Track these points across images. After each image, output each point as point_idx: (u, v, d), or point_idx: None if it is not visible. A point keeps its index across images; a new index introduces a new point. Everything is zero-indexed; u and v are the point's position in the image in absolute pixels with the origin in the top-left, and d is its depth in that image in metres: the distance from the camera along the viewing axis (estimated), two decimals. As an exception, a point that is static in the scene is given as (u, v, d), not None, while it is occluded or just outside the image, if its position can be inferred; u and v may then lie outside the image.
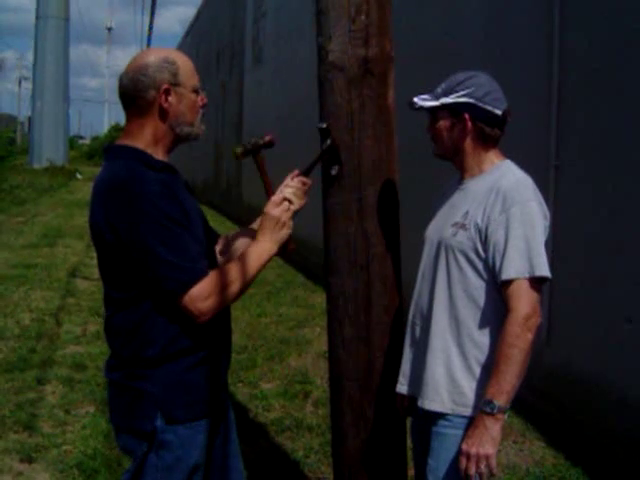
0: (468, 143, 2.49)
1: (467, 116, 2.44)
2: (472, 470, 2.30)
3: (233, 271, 2.34)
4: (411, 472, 2.92)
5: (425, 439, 2.54)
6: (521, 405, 4.43)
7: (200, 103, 2.47)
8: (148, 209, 2.21)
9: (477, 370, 2.41)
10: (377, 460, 2.88)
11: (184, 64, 2.41)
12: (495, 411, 2.27)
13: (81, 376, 5.95)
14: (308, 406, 5.45)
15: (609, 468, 4.36)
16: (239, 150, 2.51)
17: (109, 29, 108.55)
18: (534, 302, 2.30)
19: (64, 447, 4.61)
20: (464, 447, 2.32)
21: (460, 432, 2.40)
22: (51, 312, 8.19)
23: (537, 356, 5.05)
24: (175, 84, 2.36)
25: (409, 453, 2.94)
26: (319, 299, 8.55)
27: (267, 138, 2.52)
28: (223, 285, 2.30)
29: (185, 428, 2.37)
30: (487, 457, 2.28)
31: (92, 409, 5.25)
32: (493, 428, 2.28)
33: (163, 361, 2.33)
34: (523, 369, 2.30)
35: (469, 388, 2.41)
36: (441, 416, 2.45)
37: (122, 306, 2.37)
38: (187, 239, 2.27)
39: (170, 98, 2.36)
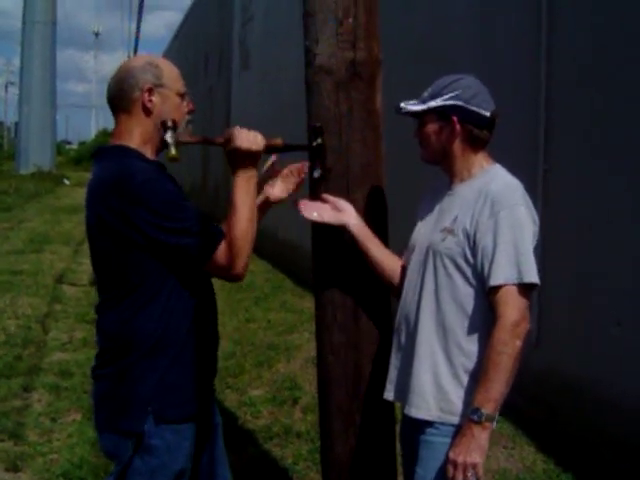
0: (457, 146, 2.46)
1: (455, 118, 2.42)
2: (459, 479, 2.28)
3: (237, 220, 2.37)
4: (400, 479, 2.89)
5: (413, 446, 2.51)
6: (511, 410, 4.41)
7: (186, 109, 2.55)
8: (154, 193, 2.31)
9: (464, 378, 2.38)
10: (366, 467, 2.86)
11: (168, 69, 2.54)
12: (483, 419, 2.25)
13: (67, 383, 5.89)
14: (297, 412, 5.41)
15: (600, 473, 4.35)
16: (173, 153, 2.35)
17: (96, 34, 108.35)
18: (523, 309, 2.28)
19: (50, 456, 4.57)
20: (451, 455, 2.30)
21: (448, 440, 2.37)
22: (37, 319, 8.11)
23: (526, 360, 5.04)
24: (158, 85, 2.47)
25: (399, 459, 2.92)
26: (308, 304, 8.51)
27: (169, 123, 2.37)
28: (239, 235, 2.36)
29: (172, 433, 2.38)
30: (474, 466, 2.26)
31: (79, 417, 5.20)
32: (480, 437, 2.26)
33: (152, 360, 2.38)
34: (511, 376, 2.27)
35: (456, 396, 2.38)
36: (428, 424, 2.42)
37: (114, 305, 2.41)
38: (196, 209, 2.39)
39: (153, 98, 2.46)
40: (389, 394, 2.61)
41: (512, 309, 2.26)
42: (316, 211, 2.64)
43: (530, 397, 5.08)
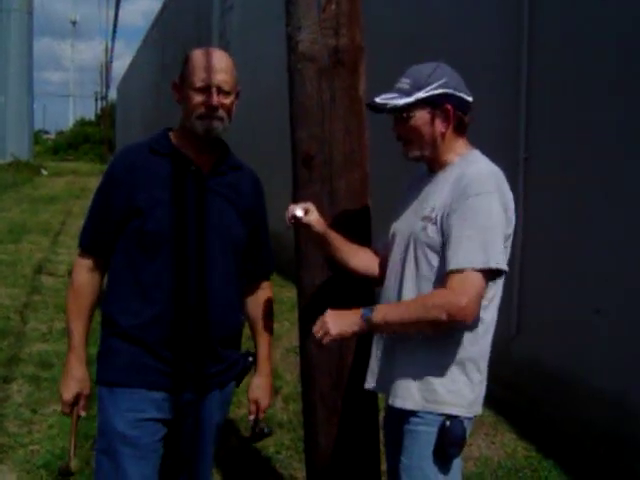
0: (449, 134, 2.42)
1: (450, 106, 2.38)
2: (315, 328, 2.39)
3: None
4: (384, 467, 2.90)
5: (397, 436, 2.50)
6: (492, 398, 4.43)
7: (200, 101, 2.50)
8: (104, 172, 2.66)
9: (449, 366, 2.37)
10: (349, 455, 2.86)
11: (193, 61, 2.55)
12: (365, 319, 2.31)
13: (47, 374, 5.85)
14: (278, 402, 5.41)
15: (580, 460, 4.38)
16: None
17: (73, 22, 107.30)
18: (474, 295, 2.22)
19: (31, 447, 4.53)
20: (327, 313, 2.39)
21: (432, 429, 2.36)
22: (16, 309, 8.05)
23: (507, 349, 5.08)
24: (182, 81, 2.57)
25: (382, 447, 2.92)
26: (288, 294, 8.49)
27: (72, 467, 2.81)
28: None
29: (107, 393, 2.57)
30: (327, 331, 2.35)
31: (59, 408, 5.12)
32: (354, 322, 2.33)
33: (103, 327, 2.61)
34: (410, 328, 2.32)
35: (440, 384, 2.37)
36: (412, 413, 2.40)
37: None
38: (100, 213, 2.58)
39: (179, 93, 2.59)
40: (370, 384, 2.60)
41: (464, 292, 2.21)
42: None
43: (511, 385, 5.11)
